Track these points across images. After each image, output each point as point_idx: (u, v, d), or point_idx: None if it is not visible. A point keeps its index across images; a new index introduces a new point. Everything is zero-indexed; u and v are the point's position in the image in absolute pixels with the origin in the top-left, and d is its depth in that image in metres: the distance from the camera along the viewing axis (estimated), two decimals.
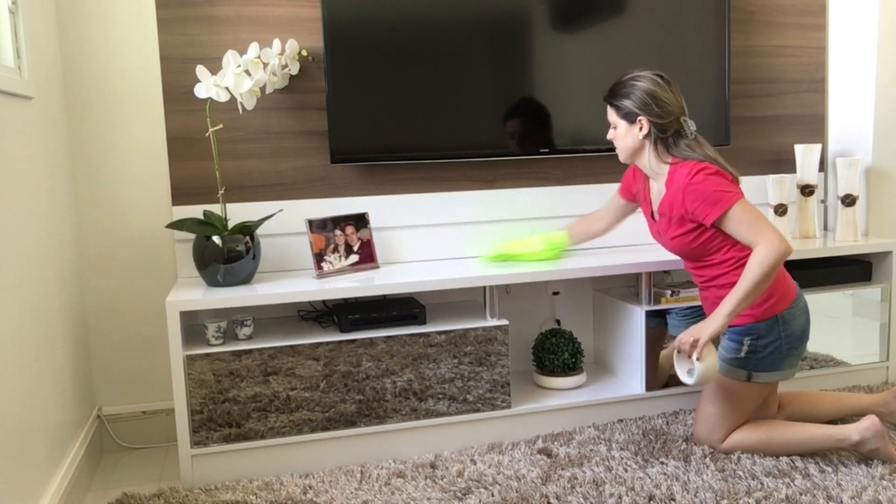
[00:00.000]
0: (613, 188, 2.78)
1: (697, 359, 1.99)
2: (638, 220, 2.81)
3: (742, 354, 2.13)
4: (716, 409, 2.18)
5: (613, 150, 2.66)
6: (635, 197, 2.34)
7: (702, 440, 2.21)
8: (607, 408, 2.48)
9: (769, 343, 2.10)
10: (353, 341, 2.24)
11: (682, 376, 2.07)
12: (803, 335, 2.13)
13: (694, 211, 2.04)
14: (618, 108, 2.14)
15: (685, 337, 2.01)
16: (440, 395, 2.31)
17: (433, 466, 2.19)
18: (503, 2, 2.52)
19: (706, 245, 2.09)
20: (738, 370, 2.14)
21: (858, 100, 2.90)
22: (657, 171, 2.16)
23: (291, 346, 2.20)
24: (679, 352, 2.06)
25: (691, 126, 2.11)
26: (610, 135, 2.21)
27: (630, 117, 2.12)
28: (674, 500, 1.93)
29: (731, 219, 2.00)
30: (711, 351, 2.00)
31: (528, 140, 2.60)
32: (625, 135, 2.15)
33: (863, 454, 2.11)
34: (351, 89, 2.44)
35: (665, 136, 2.10)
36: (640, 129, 2.11)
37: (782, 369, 2.13)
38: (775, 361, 2.12)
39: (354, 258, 2.46)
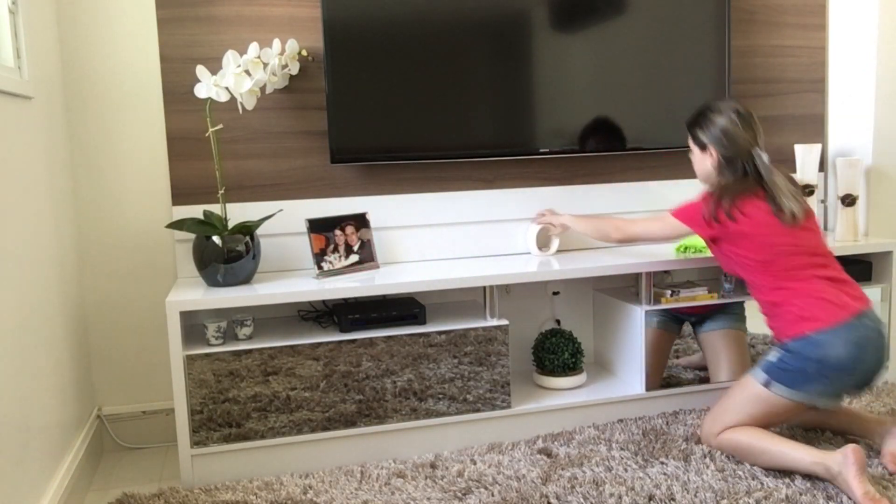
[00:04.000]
0: (613, 188, 2.78)
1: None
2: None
3: (773, 359, 2.11)
4: (728, 402, 2.17)
5: (613, 150, 2.68)
6: None
7: (704, 431, 2.21)
8: (607, 408, 2.48)
9: (794, 358, 2.06)
10: (353, 341, 2.24)
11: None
12: (840, 366, 2.02)
13: None
14: (694, 137, 2.30)
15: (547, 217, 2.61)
16: (440, 395, 2.31)
17: (433, 466, 2.19)
18: (503, 2, 2.52)
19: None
20: (761, 372, 2.12)
21: (858, 100, 2.90)
22: None
23: (291, 346, 2.20)
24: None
25: (761, 159, 2.17)
26: (691, 155, 2.35)
27: (703, 147, 2.27)
28: (674, 500, 1.93)
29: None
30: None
31: (529, 139, 2.60)
32: (699, 161, 2.30)
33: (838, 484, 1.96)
34: (351, 89, 2.44)
35: (730, 166, 2.21)
36: (710, 158, 2.25)
37: (804, 391, 2.06)
38: (799, 381, 2.06)
39: (354, 258, 2.46)
